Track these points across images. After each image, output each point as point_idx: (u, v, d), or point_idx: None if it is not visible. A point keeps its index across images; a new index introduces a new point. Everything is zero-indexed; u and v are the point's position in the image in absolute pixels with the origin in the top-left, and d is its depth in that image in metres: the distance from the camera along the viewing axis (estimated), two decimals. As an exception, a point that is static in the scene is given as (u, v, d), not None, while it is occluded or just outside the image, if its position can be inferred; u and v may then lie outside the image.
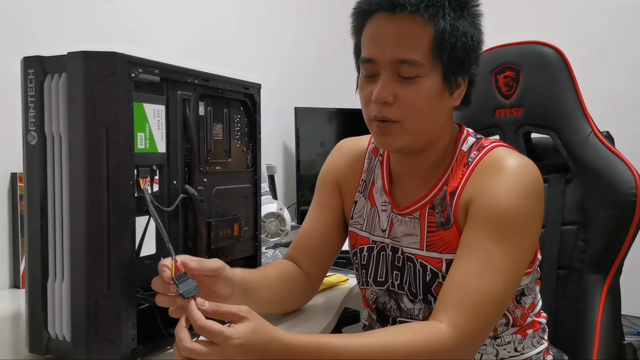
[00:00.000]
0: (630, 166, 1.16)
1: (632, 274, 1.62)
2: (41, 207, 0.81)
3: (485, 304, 0.85)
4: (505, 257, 0.87)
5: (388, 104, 0.91)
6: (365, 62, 0.94)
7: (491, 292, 0.85)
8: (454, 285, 0.86)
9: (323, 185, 1.14)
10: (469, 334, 0.83)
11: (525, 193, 0.90)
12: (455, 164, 0.98)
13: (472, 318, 0.83)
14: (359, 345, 0.79)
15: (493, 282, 0.85)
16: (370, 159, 1.10)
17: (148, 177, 0.84)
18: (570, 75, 1.26)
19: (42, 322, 0.82)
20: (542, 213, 0.96)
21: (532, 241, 0.94)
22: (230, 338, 0.71)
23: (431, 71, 0.91)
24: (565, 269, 1.22)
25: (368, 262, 1.07)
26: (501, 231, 0.88)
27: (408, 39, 0.90)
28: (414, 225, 1.00)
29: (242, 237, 1.05)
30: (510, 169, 0.92)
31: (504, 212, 0.89)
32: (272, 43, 2.29)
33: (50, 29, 1.43)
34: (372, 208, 1.07)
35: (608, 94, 2.34)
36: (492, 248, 0.87)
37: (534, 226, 0.93)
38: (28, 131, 0.82)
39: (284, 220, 1.81)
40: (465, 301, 0.84)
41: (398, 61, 0.90)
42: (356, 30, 0.97)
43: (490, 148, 0.97)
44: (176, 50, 1.82)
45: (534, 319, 1.04)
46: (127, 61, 0.79)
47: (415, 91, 0.91)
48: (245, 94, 1.08)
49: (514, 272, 0.88)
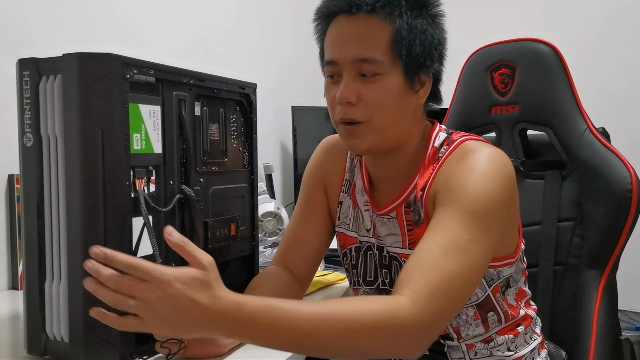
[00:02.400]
0: (625, 162, 1.16)
1: (630, 269, 1.62)
2: (38, 209, 0.82)
3: (449, 283, 0.81)
4: (472, 240, 0.84)
5: (352, 104, 0.92)
6: (328, 64, 0.96)
7: (456, 273, 0.82)
8: (418, 262, 0.83)
9: (309, 184, 1.14)
10: (430, 311, 0.78)
11: (492, 178, 0.89)
12: (427, 160, 0.98)
13: (435, 295, 0.79)
14: (311, 311, 0.74)
15: (458, 263, 0.82)
16: (352, 158, 1.11)
17: (144, 177, 0.84)
18: (566, 72, 1.26)
19: (40, 323, 0.82)
20: (514, 200, 0.95)
21: (502, 227, 0.92)
22: (177, 280, 0.67)
23: (392, 69, 0.92)
24: (562, 265, 1.23)
25: (357, 262, 1.08)
26: (468, 213, 0.86)
27: (367, 38, 0.92)
28: (393, 225, 1.01)
29: (240, 237, 1.05)
30: (477, 156, 0.92)
31: (470, 195, 0.87)
32: (269, 42, 2.29)
33: (46, 30, 1.43)
34: (355, 208, 1.08)
35: (604, 90, 2.34)
36: (458, 229, 0.85)
37: (504, 212, 0.91)
38: (24, 133, 0.82)
39: (281, 219, 1.81)
40: (428, 278, 0.80)
41: (358, 60, 0.92)
42: (320, 35, 1.00)
43: (460, 141, 0.97)
44: (172, 50, 1.82)
45: (526, 312, 1.04)
46: (122, 62, 0.79)
47: (378, 89, 0.92)
48: (241, 94, 1.09)
49: (481, 256, 0.86)
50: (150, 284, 0.67)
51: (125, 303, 0.67)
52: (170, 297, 0.67)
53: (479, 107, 1.36)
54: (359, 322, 0.74)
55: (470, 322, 0.99)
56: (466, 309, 0.99)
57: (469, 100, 1.39)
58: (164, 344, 0.79)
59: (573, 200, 1.23)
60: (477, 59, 1.38)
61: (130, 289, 0.67)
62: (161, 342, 0.79)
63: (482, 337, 1.00)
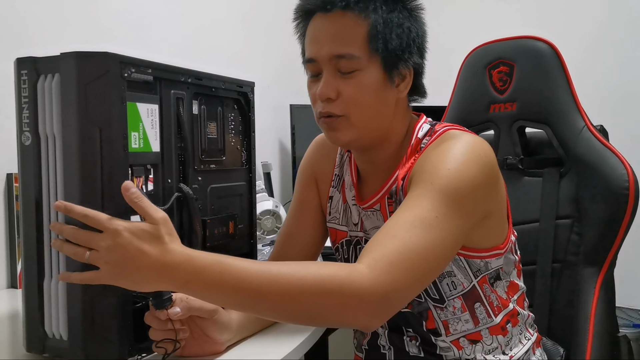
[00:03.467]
0: (622, 160, 1.17)
1: (628, 266, 1.62)
2: (36, 207, 0.82)
3: (410, 255, 0.78)
4: (440, 218, 0.82)
5: (331, 100, 0.93)
6: (308, 63, 0.97)
7: (419, 245, 0.79)
8: (382, 234, 0.82)
9: (302, 181, 1.16)
10: (387, 279, 0.75)
11: (467, 160, 0.89)
12: (409, 151, 0.99)
13: (395, 264, 0.77)
14: (263, 269, 0.74)
15: (422, 237, 0.80)
16: (342, 154, 1.12)
17: (142, 176, 0.84)
18: (564, 70, 1.26)
19: (39, 322, 0.82)
20: (495, 188, 0.94)
21: (481, 213, 0.91)
22: (126, 230, 0.72)
23: (369, 64, 0.93)
24: (560, 262, 1.23)
25: (348, 256, 1.09)
26: (438, 191, 0.85)
27: (343, 35, 0.93)
28: (377, 217, 1.02)
29: (238, 235, 1.05)
30: (455, 141, 0.92)
31: (441, 174, 0.87)
32: (267, 41, 2.29)
33: (43, 29, 1.43)
34: (344, 203, 1.09)
35: (602, 88, 2.34)
36: (427, 204, 0.83)
37: (480, 196, 0.89)
38: (22, 132, 0.82)
39: (280, 217, 1.81)
40: (390, 247, 0.78)
41: (336, 57, 0.93)
42: (301, 35, 1.01)
43: (442, 131, 0.97)
44: (169, 49, 1.82)
45: (515, 307, 1.03)
46: (119, 61, 0.79)
47: (356, 85, 0.93)
48: (239, 92, 1.09)
49: (449, 234, 0.83)
50: (103, 234, 0.72)
51: (82, 254, 0.72)
52: (119, 246, 0.71)
53: (477, 104, 1.37)
54: (310, 283, 0.73)
55: (459, 316, 0.99)
56: (453, 300, 0.98)
57: (468, 98, 1.39)
58: (159, 343, 0.80)
59: (571, 197, 1.23)
60: (476, 56, 1.38)
61: (85, 240, 0.73)
62: (157, 342, 0.80)
63: (470, 331, 0.99)
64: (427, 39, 0.99)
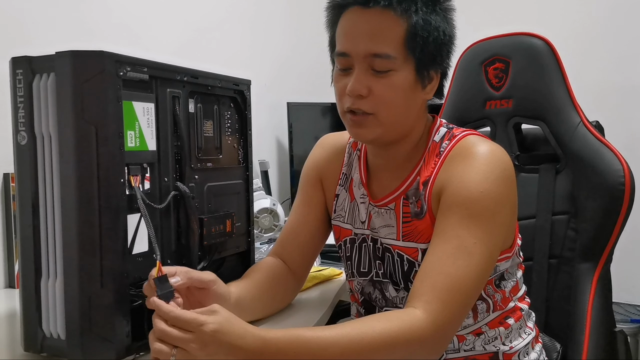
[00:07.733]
0: (618, 155, 1.17)
1: (625, 262, 1.63)
2: (33, 207, 0.82)
3: (459, 288, 0.85)
4: (478, 242, 0.87)
5: (362, 96, 0.93)
6: (339, 56, 0.96)
7: (465, 276, 0.85)
8: (428, 271, 0.87)
9: (306, 180, 1.16)
10: (444, 318, 0.83)
11: (494, 178, 0.91)
12: (427, 154, 0.99)
13: (447, 302, 0.83)
14: (335, 335, 0.78)
15: (466, 267, 0.86)
16: (350, 153, 1.12)
17: (139, 175, 0.84)
18: (559, 66, 1.27)
19: (37, 321, 0.82)
20: (514, 198, 0.97)
21: (505, 225, 0.94)
22: (205, 323, 0.71)
23: (404, 65, 0.92)
24: (556, 258, 1.23)
25: (352, 254, 1.09)
26: (472, 216, 0.89)
27: (381, 33, 0.91)
28: (389, 216, 1.02)
29: (235, 233, 1.06)
30: (479, 155, 0.93)
31: (474, 197, 0.89)
32: (264, 39, 2.29)
33: (39, 29, 1.43)
34: (351, 201, 1.09)
35: (597, 84, 2.34)
36: (464, 233, 0.88)
37: (506, 210, 0.93)
38: (18, 131, 0.82)
39: (277, 215, 1.82)
40: (439, 286, 0.84)
41: (371, 55, 0.92)
42: (331, 24, 0.99)
43: (461, 137, 0.98)
44: (165, 47, 1.82)
45: (517, 304, 1.05)
46: (115, 60, 0.79)
47: (389, 85, 0.92)
48: (235, 91, 1.09)
49: (487, 256, 0.89)
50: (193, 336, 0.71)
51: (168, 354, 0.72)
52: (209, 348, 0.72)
53: (473, 101, 1.37)
54: (380, 342, 0.79)
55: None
56: None
57: (464, 94, 1.39)
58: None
59: (567, 193, 1.23)
60: (472, 53, 1.38)
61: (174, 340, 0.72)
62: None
63: (471, 328, 1.00)
64: (455, 41, 0.98)
